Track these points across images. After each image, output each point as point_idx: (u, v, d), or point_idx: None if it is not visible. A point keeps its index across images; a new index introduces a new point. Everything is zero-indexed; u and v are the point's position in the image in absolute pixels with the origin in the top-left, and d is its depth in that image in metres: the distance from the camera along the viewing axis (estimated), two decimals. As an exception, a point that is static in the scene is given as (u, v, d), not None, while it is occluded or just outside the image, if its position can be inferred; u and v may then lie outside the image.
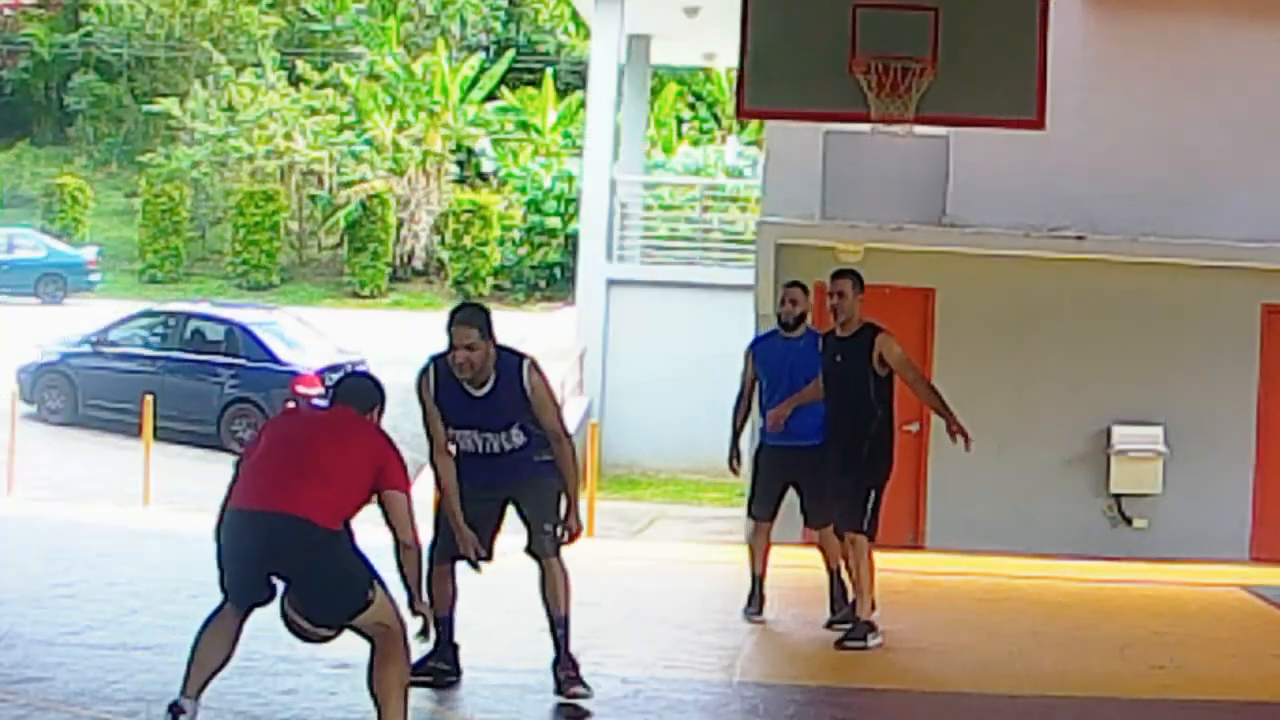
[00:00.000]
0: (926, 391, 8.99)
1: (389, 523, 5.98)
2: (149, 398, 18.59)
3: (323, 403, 6.47)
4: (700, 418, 18.85)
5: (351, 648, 8.22)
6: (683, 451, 20.82)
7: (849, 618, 9.08)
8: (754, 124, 27.18)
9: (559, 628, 7.12)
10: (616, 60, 22.42)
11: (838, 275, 9.10)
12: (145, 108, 40.47)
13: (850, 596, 9.16)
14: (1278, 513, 14.23)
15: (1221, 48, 14.07)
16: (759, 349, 9.75)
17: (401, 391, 7.37)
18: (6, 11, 41.62)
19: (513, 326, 30.57)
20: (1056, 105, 9.86)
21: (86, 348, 22.99)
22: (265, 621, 8.92)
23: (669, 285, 21.78)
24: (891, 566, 10.28)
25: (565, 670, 7.12)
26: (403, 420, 7.00)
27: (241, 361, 22.12)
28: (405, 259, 36.80)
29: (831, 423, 9.07)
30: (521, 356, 7.03)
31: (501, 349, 6.98)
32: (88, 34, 42.70)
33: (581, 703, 6.98)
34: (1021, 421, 14.25)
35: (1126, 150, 14.07)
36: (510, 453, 7.10)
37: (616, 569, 7.39)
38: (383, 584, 5.93)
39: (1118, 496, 14.23)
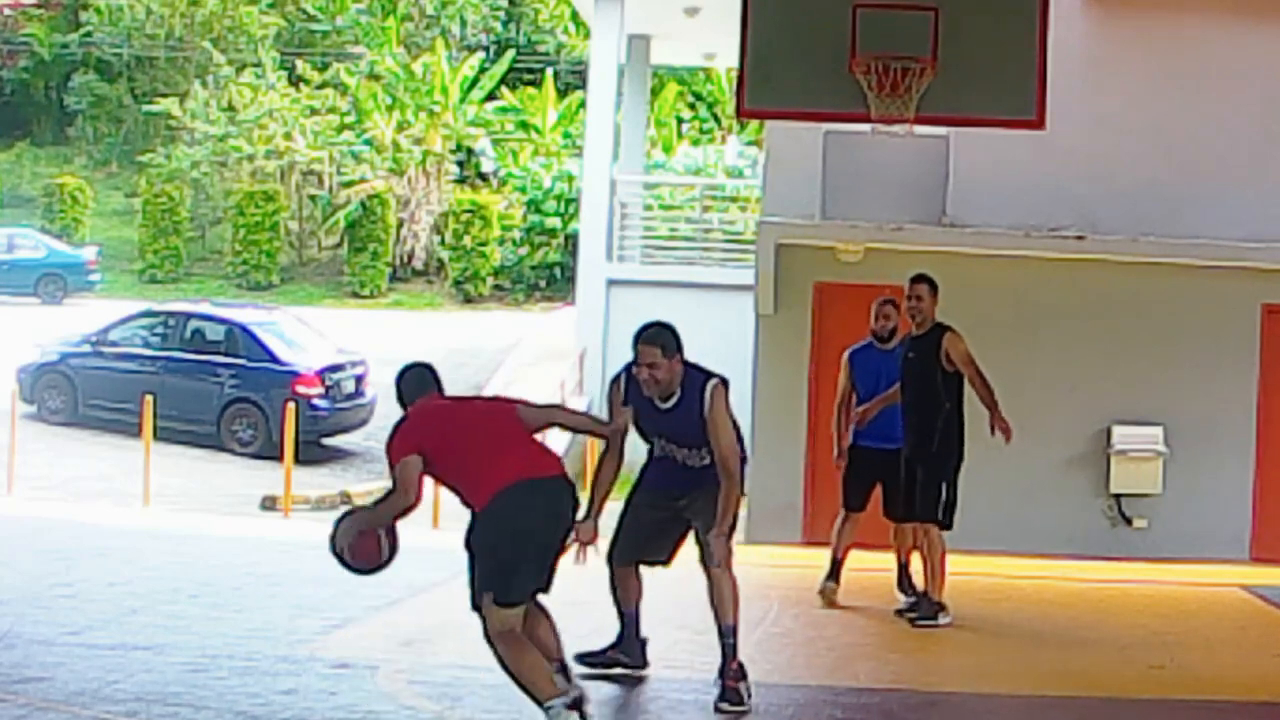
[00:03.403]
0: (982, 387, 9.61)
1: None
2: (149, 398, 18.61)
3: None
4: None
5: (352, 647, 8.24)
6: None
7: (916, 605, 9.78)
8: (754, 124, 27.17)
9: (727, 637, 7.31)
10: (616, 60, 22.41)
11: (916, 280, 9.75)
12: (145, 108, 40.41)
13: (920, 587, 9.86)
14: (1278, 513, 14.22)
15: (1222, 47, 14.05)
16: (855, 359, 10.38)
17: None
18: (6, 11, 41.61)
19: (513, 326, 30.67)
20: (1056, 105, 9.86)
21: (86, 348, 23.00)
22: (265, 621, 8.94)
23: (669, 285, 21.74)
24: (892, 567, 10.30)
25: (728, 680, 7.22)
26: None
27: (241, 361, 22.13)
28: (405, 259, 36.76)
29: (905, 416, 9.73)
30: (709, 376, 7.20)
31: (691, 366, 7.20)
32: (88, 34, 42.66)
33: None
34: (1021, 421, 14.05)
35: (1126, 150, 14.05)
36: (694, 468, 7.33)
37: (617, 569, 7.52)
38: None
39: (1118, 496, 14.23)
